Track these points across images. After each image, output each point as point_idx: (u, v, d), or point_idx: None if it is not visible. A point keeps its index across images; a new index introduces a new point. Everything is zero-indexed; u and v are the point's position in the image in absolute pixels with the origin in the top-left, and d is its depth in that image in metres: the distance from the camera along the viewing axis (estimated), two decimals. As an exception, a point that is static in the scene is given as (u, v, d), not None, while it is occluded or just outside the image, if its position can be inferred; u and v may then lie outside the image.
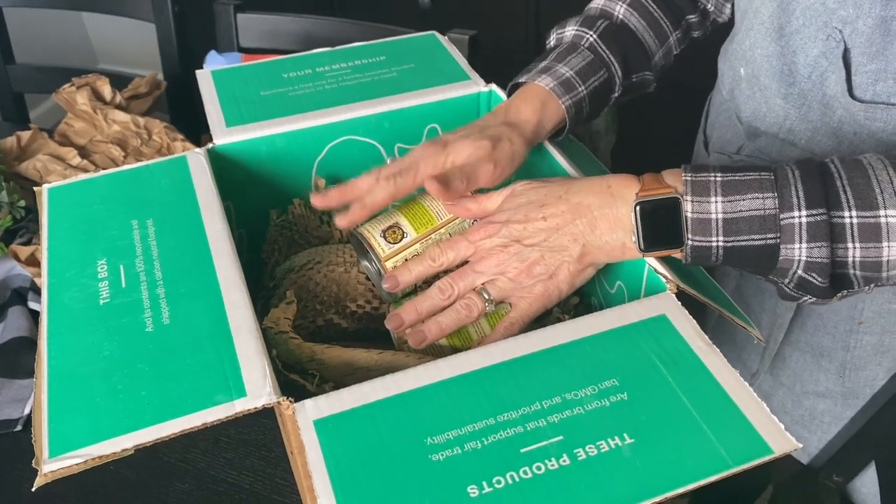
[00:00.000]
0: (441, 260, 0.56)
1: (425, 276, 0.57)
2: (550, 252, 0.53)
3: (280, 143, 0.66)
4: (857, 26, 0.56)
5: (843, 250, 0.47)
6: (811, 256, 0.47)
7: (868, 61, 0.57)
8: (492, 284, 0.55)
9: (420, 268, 0.57)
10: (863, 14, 0.55)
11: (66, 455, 0.41)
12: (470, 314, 0.54)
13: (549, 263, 0.53)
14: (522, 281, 0.54)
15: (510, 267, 0.54)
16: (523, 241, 0.53)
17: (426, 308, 0.55)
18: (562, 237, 0.53)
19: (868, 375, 0.72)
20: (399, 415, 0.43)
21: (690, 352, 0.46)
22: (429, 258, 0.57)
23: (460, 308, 0.54)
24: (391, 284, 0.57)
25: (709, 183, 0.49)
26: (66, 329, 0.48)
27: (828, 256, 0.47)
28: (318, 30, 1.14)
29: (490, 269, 0.54)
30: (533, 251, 0.53)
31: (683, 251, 0.50)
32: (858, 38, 0.56)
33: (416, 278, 0.57)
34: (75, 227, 0.56)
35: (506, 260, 0.54)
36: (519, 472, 0.40)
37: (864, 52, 0.56)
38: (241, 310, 0.49)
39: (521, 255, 0.53)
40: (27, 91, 1.34)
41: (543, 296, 0.54)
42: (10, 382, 0.79)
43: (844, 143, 0.62)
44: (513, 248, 0.54)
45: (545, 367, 0.46)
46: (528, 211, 0.54)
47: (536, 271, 0.53)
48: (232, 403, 0.43)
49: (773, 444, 0.41)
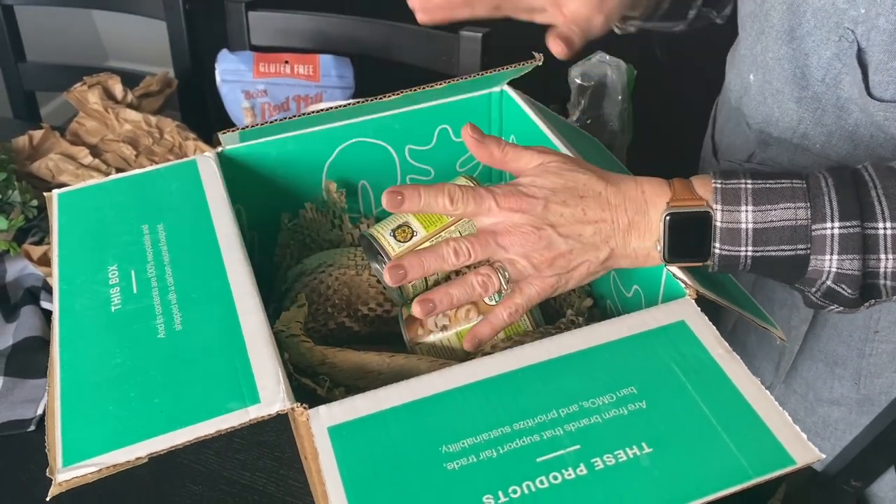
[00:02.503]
0: (459, 204, 0.51)
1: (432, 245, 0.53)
2: (581, 248, 0.50)
3: (290, 146, 0.66)
4: (876, 24, 0.55)
5: (876, 261, 0.46)
6: (842, 268, 0.46)
7: (889, 59, 0.56)
8: (511, 264, 0.51)
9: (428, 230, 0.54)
10: (884, 11, 0.54)
11: (80, 464, 0.41)
12: (485, 291, 0.51)
13: (573, 259, 0.50)
14: (542, 269, 0.51)
15: (536, 252, 0.50)
16: (558, 229, 0.50)
17: (433, 265, 0.51)
18: (596, 237, 0.50)
19: (884, 383, 0.71)
20: (413, 422, 0.43)
21: (710, 359, 0.46)
22: (447, 196, 0.51)
23: (476, 283, 0.51)
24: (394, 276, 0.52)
25: (739, 191, 0.48)
26: (78, 337, 0.48)
27: (859, 269, 0.46)
28: (330, 28, 1.13)
29: (516, 247, 0.50)
30: (564, 243, 0.50)
31: (711, 260, 0.49)
32: (879, 35, 0.55)
33: (425, 264, 0.52)
34: (86, 233, 0.56)
35: (535, 243, 0.50)
36: (535, 482, 0.40)
37: (885, 50, 0.55)
38: (254, 315, 0.49)
39: (552, 243, 0.50)
40: (38, 89, 1.34)
41: (553, 287, 0.52)
42: (23, 382, 0.79)
43: (861, 147, 0.61)
44: (546, 232, 0.50)
45: (562, 375, 0.45)
46: (567, 197, 0.50)
47: (559, 264, 0.50)
48: (246, 410, 0.43)
49: (795, 454, 0.41)
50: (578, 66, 0.96)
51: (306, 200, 0.69)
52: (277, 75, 0.98)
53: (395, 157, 0.70)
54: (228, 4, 1.15)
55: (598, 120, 0.98)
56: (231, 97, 0.99)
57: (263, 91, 0.98)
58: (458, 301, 0.51)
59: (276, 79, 0.98)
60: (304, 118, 0.61)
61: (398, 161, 0.71)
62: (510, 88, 0.70)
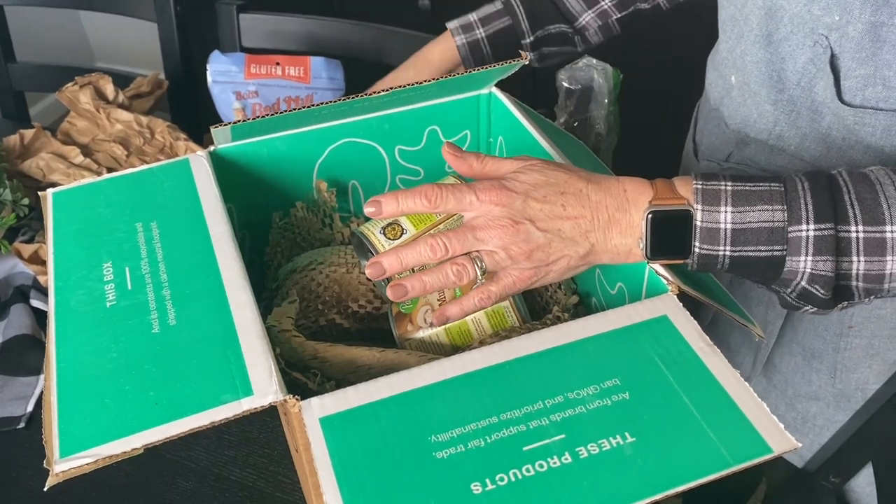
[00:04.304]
0: (439, 203, 0.52)
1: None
2: (559, 242, 0.51)
3: (281, 146, 0.67)
4: (846, 31, 0.56)
5: (848, 263, 0.48)
6: (816, 269, 0.48)
7: (857, 66, 0.57)
8: (489, 256, 0.52)
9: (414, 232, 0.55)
10: (853, 19, 0.55)
11: (76, 455, 0.41)
12: (459, 280, 0.52)
13: (552, 252, 0.52)
14: (520, 261, 0.52)
15: (514, 245, 0.51)
16: (536, 223, 0.51)
17: (411, 261, 0.52)
18: (576, 232, 0.51)
19: (859, 378, 0.73)
20: (403, 413, 0.44)
21: (691, 352, 0.47)
22: (424, 197, 0.52)
23: (450, 272, 0.51)
24: (375, 270, 0.53)
25: (719, 192, 0.49)
26: (74, 331, 0.49)
27: (832, 270, 0.48)
28: (320, 30, 1.14)
29: (494, 240, 0.51)
30: (542, 236, 0.51)
31: (690, 258, 0.51)
32: (848, 43, 0.57)
33: (402, 260, 0.53)
34: (80, 231, 0.57)
35: (513, 236, 0.51)
36: (521, 470, 0.41)
37: (853, 58, 0.57)
38: (246, 310, 0.50)
39: (529, 236, 0.51)
40: (27, 89, 1.34)
41: (530, 279, 0.53)
42: (13, 380, 0.79)
43: (833, 149, 0.62)
44: (524, 226, 0.51)
45: (547, 367, 0.46)
46: (547, 192, 0.51)
47: (537, 256, 0.51)
48: (239, 402, 0.44)
49: (773, 443, 0.42)
50: (566, 70, 0.98)
51: (297, 200, 0.70)
52: (268, 77, 0.98)
53: (385, 158, 0.72)
54: (219, 6, 1.15)
55: (584, 123, 0.99)
56: (222, 98, 0.99)
57: (254, 92, 0.99)
58: (432, 287, 0.52)
59: (267, 80, 0.98)
60: (295, 113, 0.62)
61: (388, 161, 0.72)
62: (498, 91, 0.71)
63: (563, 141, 0.68)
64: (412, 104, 0.69)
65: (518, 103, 0.70)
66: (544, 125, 0.69)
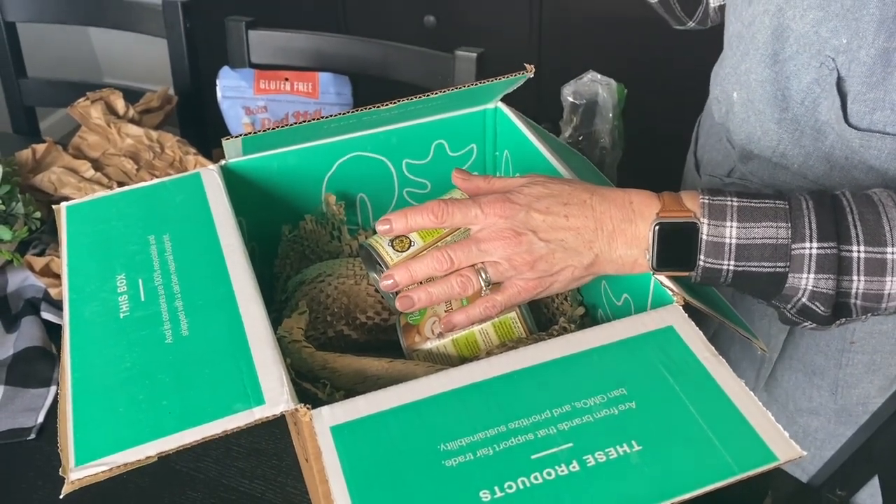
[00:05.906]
0: (445, 218, 0.54)
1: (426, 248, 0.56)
2: (563, 252, 0.52)
3: (291, 160, 0.68)
4: (857, 55, 0.57)
5: (848, 282, 0.49)
6: (817, 287, 0.49)
7: (867, 90, 0.58)
8: (493, 266, 0.53)
9: (422, 240, 0.56)
10: (865, 44, 0.56)
11: (92, 463, 0.42)
12: (464, 291, 0.53)
13: (555, 262, 0.52)
14: (524, 271, 0.52)
15: (517, 255, 0.52)
16: (539, 234, 0.52)
17: (420, 272, 0.53)
18: (579, 242, 0.52)
19: (860, 393, 0.73)
20: (413, 422, 0.44)
21: (697, 362, 0.47)
22: (431, 213, 0.54)
23: (455, 283, 0.53)
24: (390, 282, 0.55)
25: (725, 207, 0.50)
26: (88, 342, 0.50)
27: (833, 288, 0.49)
28: (328, 47, 1.16)
29: (497, 251, 0.52)
30: (545, 247, 0.52)
31: (694, 272, 0.51)
32: (858, 67, 0.57)
33: (412, 273, 0.54)
34: (94, 244, 0.58)
35: (516, 247, 0.52)
36: (530, 478, 0.42)
37: (863, 82, 0.57)
38: (258, 320, 0.50)
39: (532, 247, 0.52)
40: (38, 105, 1.36)
41: (535, 289, 0.53)
42: (24, 392, 0.80)
43: (836, 169, 0.63)
44: (526, 237, 0.52)
45: (555, 377, 0.47)
46: (550, 204, 0.52)
47: (540, 267, 0.52)
48: (251, 411, 0.44)
49: (778, 451, 0.43)
50: (570, 85, 0.99)
51: (306, 213, 0.71)
52: (277, 92, 1.00)
53: (392, 171, 0.72)
54: (229, 23, 1.17)
55: (589, 137, 1.00)
56: (231, 113, 1.01)
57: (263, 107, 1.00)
58: (438, 298, 0.54)
59: (276, 95, 1.00)
60: (305, 125, 0.63)
61: (396, 175, 0.73)
62: (504, 105, 0.72)
63: (568, 155, 0.69)
64: (419, 118, 0.70)
65: (523, 118, 0.71)
66: (549, 140, 0.70)
